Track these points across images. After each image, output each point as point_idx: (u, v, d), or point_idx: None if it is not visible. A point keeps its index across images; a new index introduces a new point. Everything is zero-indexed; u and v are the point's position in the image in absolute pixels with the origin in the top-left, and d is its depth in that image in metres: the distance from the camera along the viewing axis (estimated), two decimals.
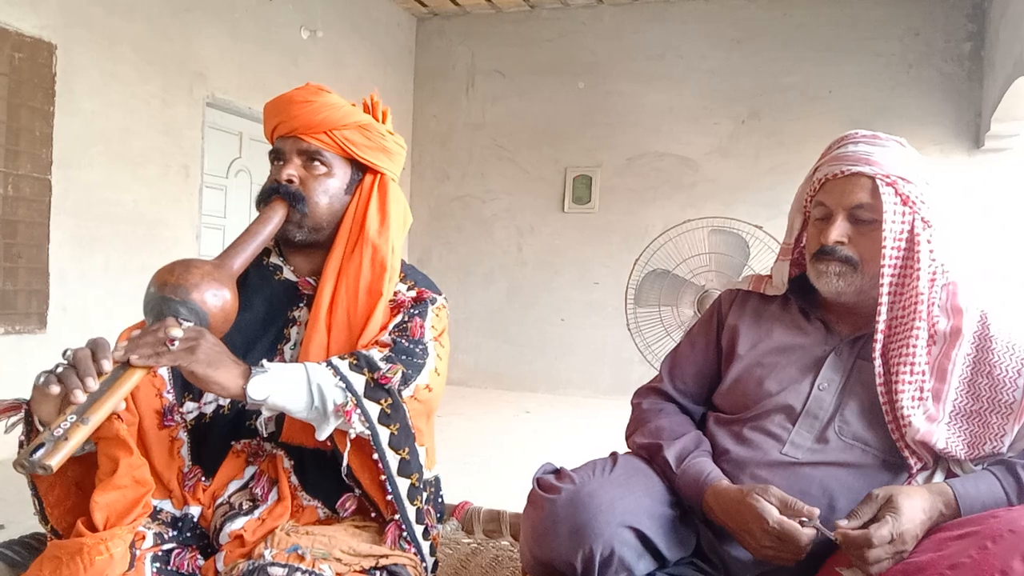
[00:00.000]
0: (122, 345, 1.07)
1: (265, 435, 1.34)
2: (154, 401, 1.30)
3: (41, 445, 0.95)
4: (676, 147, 6.17)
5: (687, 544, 1.28)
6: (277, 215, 1.34)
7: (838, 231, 1.32)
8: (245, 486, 1.30)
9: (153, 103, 4.22)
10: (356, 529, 1.25)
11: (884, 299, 1.29)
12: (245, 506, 1.26)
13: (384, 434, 1.23)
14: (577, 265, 6.40)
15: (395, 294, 1.41)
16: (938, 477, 1.24)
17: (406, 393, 1.28)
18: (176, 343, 1.07)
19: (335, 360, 1.24)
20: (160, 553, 1.18)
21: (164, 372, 1.32)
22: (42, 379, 1.04)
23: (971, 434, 1.23)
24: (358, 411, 1.19)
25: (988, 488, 1.14)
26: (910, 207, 1.29)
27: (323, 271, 1.38)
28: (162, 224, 4.33)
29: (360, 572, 1.19)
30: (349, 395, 1.20)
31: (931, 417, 1.24)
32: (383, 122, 1.47)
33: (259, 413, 1.30)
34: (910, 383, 1.25)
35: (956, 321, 1.29)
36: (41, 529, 1.29)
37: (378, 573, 1.21)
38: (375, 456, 1.23)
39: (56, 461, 0.94)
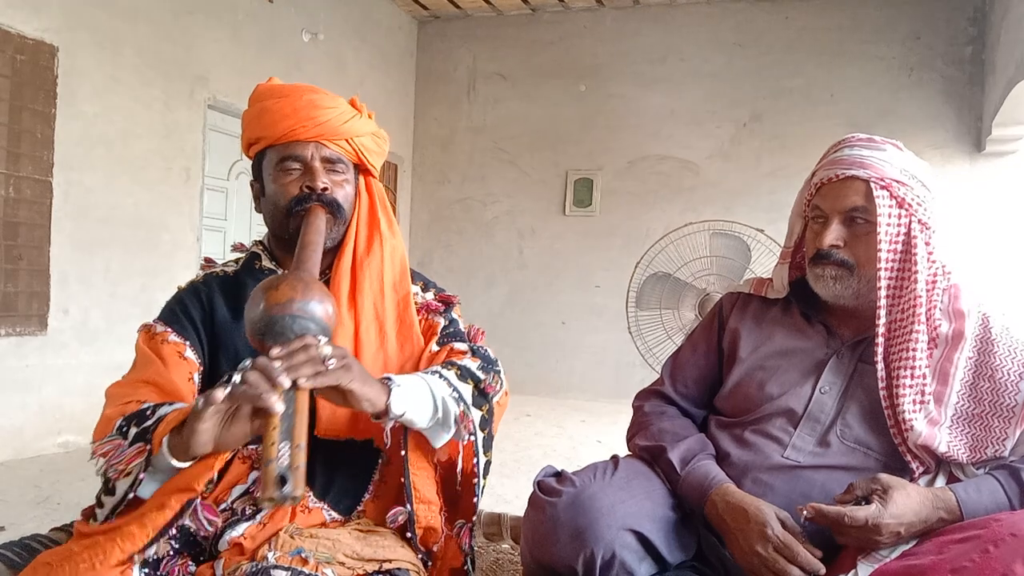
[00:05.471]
0: (279, 367, 1.04)
1: None
2: (188, 386, 1.30)
3: (282, 479, 0.98)
4: (677, 150, 6.17)
5: (688, 547, 1.28)
6: (323, 222, 1.33)
7: (833, 235, 1.32)
8: (247, 492, 1.28)
9: (155, 106, 4.23)
10: (360, 533, 1.24)
11: (882, 302, 1.29)
12: (248, 511, 1.25)
13: (481, 438, 1.32)
14: (578, 268, 6.40)
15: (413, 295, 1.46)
16: (940, 481, 1.24)
17: (494, 399, 1.37)
18: (332, 361, 1.08)
19: (442, 371, 1.29)
20: (150, 560, 1.13)
21: (193, 355, 1.33)
22: (228, 390, 1.01)
23: (973, 437, 1.23)
24: (466, 419, 1.27)
25: (990, 492, 1.14)
26: (906, 210, 1.29)
27: (335, 270, 1.39)
28: (163, 227, 4.33)
29: None
30: (462, 404, 1.27)
31: (933, 420, 1.24)
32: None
33: None
34: (911, 386, 1.25)
35: (958, 324, 1.29)
36: (40, 531, 1.29)
37: None
38: (474, 460, 1.32)
39: (302, 489, 0.99)
